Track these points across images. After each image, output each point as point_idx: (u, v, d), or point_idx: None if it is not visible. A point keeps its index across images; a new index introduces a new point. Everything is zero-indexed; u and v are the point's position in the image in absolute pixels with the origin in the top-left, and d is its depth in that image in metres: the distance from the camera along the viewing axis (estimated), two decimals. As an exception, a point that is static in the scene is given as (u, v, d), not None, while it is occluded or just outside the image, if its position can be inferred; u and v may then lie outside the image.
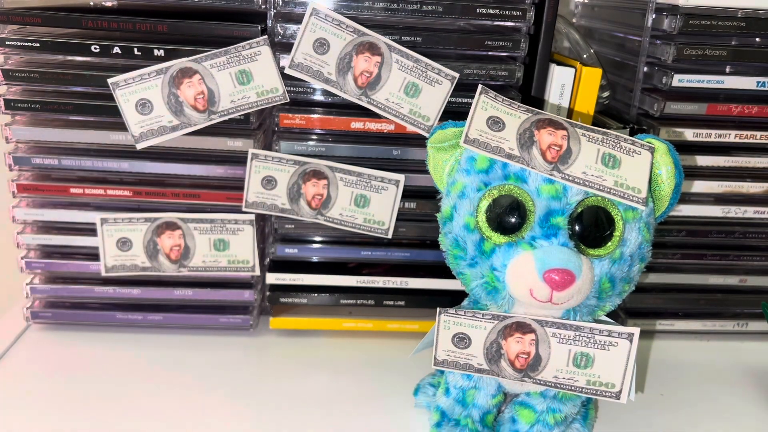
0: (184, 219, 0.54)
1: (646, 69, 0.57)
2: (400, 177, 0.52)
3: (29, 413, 0.47)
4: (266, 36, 0.50)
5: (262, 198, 0.51)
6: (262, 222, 0.57)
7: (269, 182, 0.51)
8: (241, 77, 0.49)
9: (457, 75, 0.50)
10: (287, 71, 0.49)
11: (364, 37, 0.48)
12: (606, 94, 0.62)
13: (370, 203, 0.52)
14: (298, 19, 0.50)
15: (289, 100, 0.51)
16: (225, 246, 0.54)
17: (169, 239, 0.54)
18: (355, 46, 0.49)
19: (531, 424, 0.44)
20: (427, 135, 0.50)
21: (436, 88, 0.50)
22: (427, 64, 0.50)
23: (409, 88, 0.50)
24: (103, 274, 0.55)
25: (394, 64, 0.50)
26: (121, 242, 0.54)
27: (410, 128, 0.51)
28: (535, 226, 0.39)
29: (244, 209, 0.53)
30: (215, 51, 0.49)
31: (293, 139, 0.53)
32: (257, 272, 0.56)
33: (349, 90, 0.50)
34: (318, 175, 0.51)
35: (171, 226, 0.54)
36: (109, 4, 0.51)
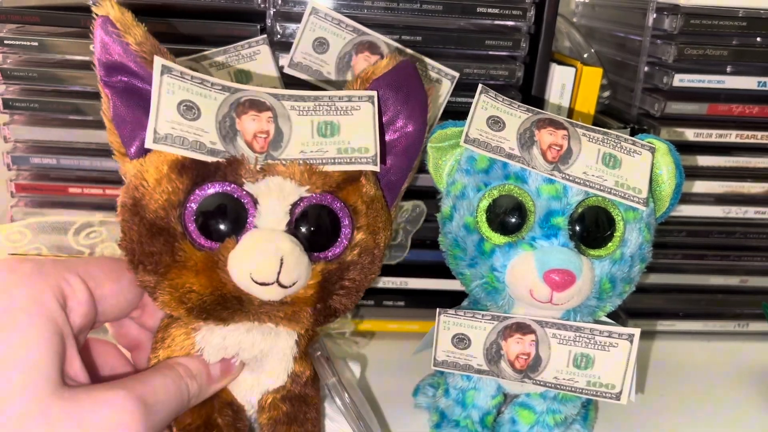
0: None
1: (646, 69, 0.57)
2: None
3: None
4: (265, 35, 0.50)
5: None
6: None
7: None
8: (240, 76, 0.48)
9: (457, 74, 0.50)
10: (286, 70, 0.49)
11: (363, 37, 0.48)
12: (606, 93, 0.61)
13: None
14: (297, 18, 0.50)
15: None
16: None
17: None
18: (354, 45, 0.48)
19: (531, 425, 0.44)
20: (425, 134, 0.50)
21: (437, 88, 0.50)
22: (427, 63, 0.50)
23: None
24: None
25: (393, 63, 0.50)
26: None
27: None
28: (535, 227, 0.39)
29: None
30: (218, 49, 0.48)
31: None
32: None
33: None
34: None
35: None
36: (108, 3, 0.51)
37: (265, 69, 0.49)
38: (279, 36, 0.51)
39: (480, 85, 0.41)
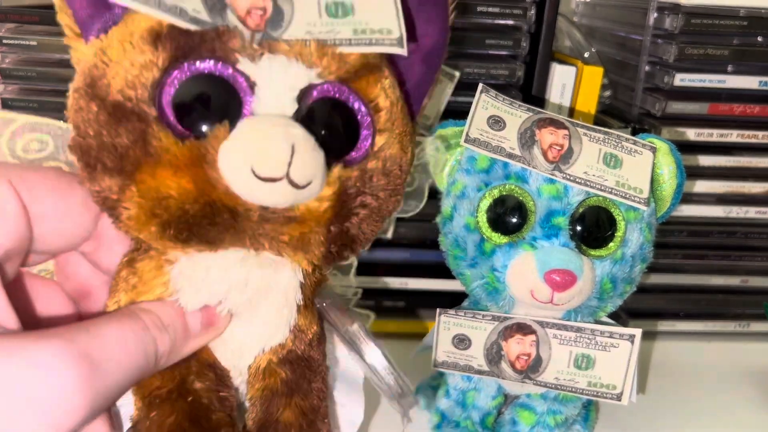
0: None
1: (647, 68, 0.56)
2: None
3: None
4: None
5: None
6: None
7: None
8: None
9: (457, 74, 0.50)
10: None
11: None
12: (607, 93, 0.61)
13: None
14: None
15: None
16: None
17: None
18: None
19: (531, 426, 0.44)
20: (425, 133, 0.50)
21: (437, 87, 0.50)
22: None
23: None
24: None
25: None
26: None
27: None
28: (536, 227, 0.39)
29: None
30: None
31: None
32: None
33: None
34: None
35: None
36: (107, 2, 0.51)
37: None
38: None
39: (480, 85, 0.41)
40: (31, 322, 0.28)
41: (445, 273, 0.44)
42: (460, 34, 0.52)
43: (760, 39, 0.54)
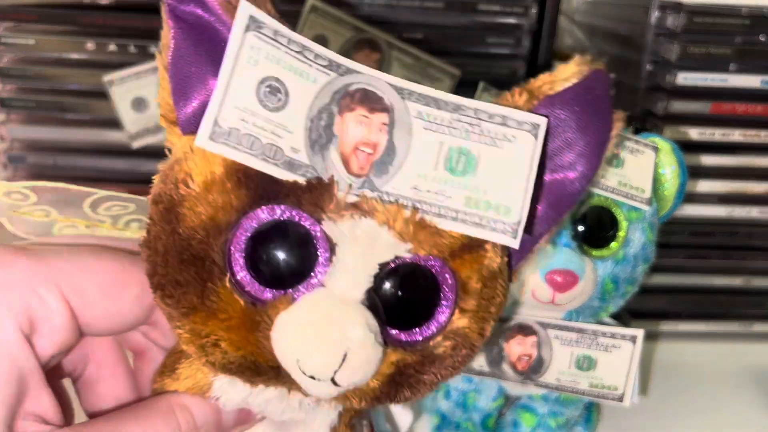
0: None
1: (649, 67, 0.56)
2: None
3: None
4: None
5: None
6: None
7: None
8: None
9: (458, 72, 0.50)
10: None
11: (363, 34, 0.48)
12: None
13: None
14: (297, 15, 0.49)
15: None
16: None
17: None
18: (353, 43, 0.48)
19: (533, 428, 0.43)
20: None
21: (437, 86, 0.50)
22: (428, 61, 0.49)
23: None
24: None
25: (393, 62, 0.49)
26: None
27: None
28: (537, 227, 0.38)
29: None
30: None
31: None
32: None
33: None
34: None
35: None
36: (105, 1, 0.51)
37: None
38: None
39: (481, 83, 0.41)
40: (80, 370, 0.29)
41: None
42: (461, 32, 0.52)
43: (762, 38, 0.54)
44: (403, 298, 0.25)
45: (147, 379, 0.30)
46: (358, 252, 0.24)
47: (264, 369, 0.25)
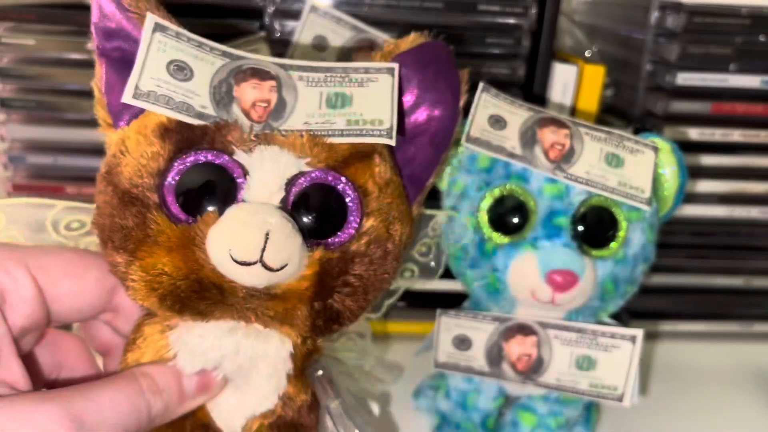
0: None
1: (649, 67, 0.56)
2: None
3: None
4: (264, 32, 0.49)
5: None
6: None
7: None
8: None
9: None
10: None
11: (362, 34, 0.48)
12: (609, 92, 0.61)
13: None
14: (295, 15, 0.49)
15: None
16: None
17: None
18: (355, 42, 0.48)
19: (532, 428, 0.43)
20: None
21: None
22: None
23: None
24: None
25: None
26: None
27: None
28: (537, 227, 0.38)
29: None
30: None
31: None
32: None
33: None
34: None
35: None
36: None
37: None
38: (278, 33, 0.50)
39: (481, 84, 0.41)
40: (47, 377, 0.32)
41: (445, 273, 0.44)
42: (461, 32, 0.52)
43: (762, 38, 0.53)
44: (315, 208, 0.31)
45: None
46: (267, 170, 0.30)
47: (207, 287, 0.30)
